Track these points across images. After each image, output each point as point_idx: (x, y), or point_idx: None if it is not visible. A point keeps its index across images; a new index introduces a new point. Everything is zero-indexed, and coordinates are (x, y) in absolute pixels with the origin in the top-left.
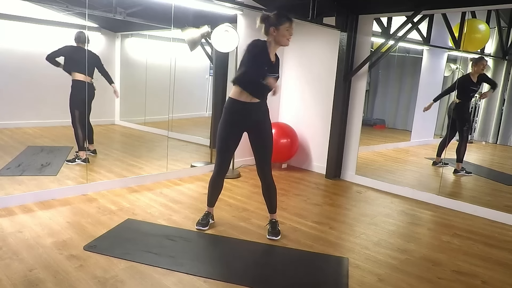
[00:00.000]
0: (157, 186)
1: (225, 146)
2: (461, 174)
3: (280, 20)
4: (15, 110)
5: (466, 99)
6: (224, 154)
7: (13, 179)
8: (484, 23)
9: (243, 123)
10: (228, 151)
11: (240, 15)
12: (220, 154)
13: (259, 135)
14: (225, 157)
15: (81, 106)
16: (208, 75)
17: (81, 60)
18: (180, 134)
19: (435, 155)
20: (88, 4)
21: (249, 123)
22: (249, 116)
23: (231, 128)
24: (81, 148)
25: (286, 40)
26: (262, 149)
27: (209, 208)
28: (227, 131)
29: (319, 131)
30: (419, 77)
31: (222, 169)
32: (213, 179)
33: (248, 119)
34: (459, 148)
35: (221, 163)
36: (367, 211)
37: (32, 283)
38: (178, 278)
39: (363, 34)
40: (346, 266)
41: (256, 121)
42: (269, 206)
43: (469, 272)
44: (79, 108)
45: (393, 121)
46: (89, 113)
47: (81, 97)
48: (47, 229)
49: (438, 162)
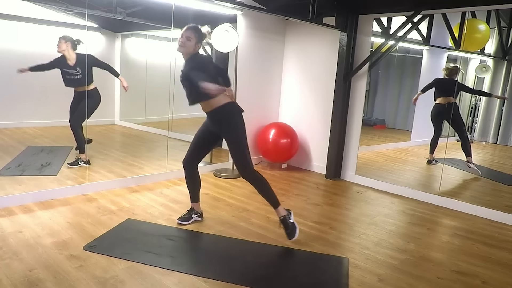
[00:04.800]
0: (157, 186)
1: (194, 138)
2: (473, 168)
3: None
4: (15, 110)
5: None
6: (191, 145)
7: (13, 179)
8: (484, 23)
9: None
10: (193, 144)
11: (240, 15)
12: (190, 145)
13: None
14: (194, 150)
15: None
16: None
17: None
18: (180, 134)
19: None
20: (88, 4)
21: (211, 128)
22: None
23: (202, 125)
24: (82, 151)
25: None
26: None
27: (193, 204)
28: (200, 127)
29: (319, 131)
30: (419, 77)
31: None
32: (184, 173)
33: (210, 125)
34: (465, 145)
35: (188, 153)
36: (367, 211)
37: (32, 283)
38: (178, 278)
39: (363, 34)
40: (346, 266)
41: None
42: (268, 202)
43: (469, 272)
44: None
45: (393, 121)
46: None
47: (83, 104)
48: (47, 229)
49: (431, 160)
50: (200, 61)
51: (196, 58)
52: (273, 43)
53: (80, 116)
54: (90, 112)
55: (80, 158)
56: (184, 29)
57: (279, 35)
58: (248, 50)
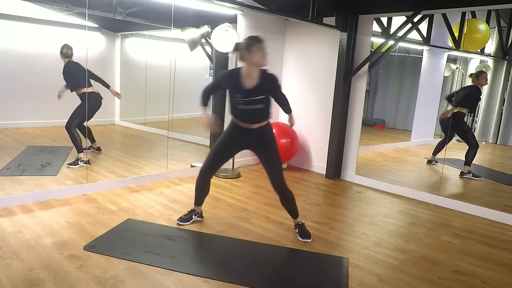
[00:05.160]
0: (157, 186)
1: (218, 151)
2: (468, 177)
3: (250, 43)
4: (15, 110)
5: (472, 109)
6: (214, 157)
7: (13, 179)
8: (484, 23)
9: (238, 142)
10: (217, 156)
11: (240, 15)
12: (211, 156)
13: (260, 154)
14: (215, 162)
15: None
16: (208, 75)
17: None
18: (180, 134)
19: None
20: (88, 4)
21: (245, 144)
22: (244, 139)
23: (228, 139)
24: (80, 150)
25: (261, 59)
26: (269, 170)
27: (195, 207)
28: (225, 140)
29: (319, 131)
30: (419, 77)
31: (209, 172)
32: (198, 179)
33: (244, 141)
34: (468, 153)
35: (210, 164)
36: (367, 211)
37: (32, 283)
38: (178, 278)
39: (363, 34)
40: (346, 266)
41: (253, 143)
42: (291, 212)
43: (469, 272)
44: (79, 117)
45: (393, 121)
46: (89, 119)
47: (83, 108)
48: (47, 229)
49: (432, 160)
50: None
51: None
52: (273, 43)
53: (73, 118)
54: (90, 114)
55: (79, 158)
56: (262, 42)
57: (279, 35)
58: None
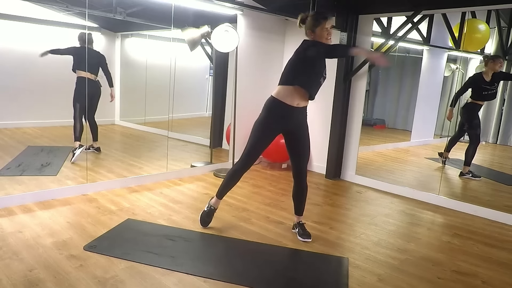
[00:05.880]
0: (157, 186)
1: (258, 145)
2: (468, 177)
3: (316, 22)
4: (15, 110)
5: (478, 99)
6: (253, 152)
7: (13, 179)
8: (484, 23)
9: (281, 126)
10: (258, 151)
11: (240, 15)
12: (249, 152)
13: (297, 140)
14: (254, 155)
15: (82, 100)
16: (208, 75)
17: (83, 59)
18: (180, 134)
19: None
20: (88, 4)
21: (287, 127)
22: (290, 119)
23: (268, 129)
24: (76, 138)
25: (325, 40)
26: (300, 154)
27: (217, 201)
28: (264, 131)
29: (319, 131)
30: (419, 77)
31: (247, 166)
32: (234, 171)
33: (289, 123)
34: (468, 150)
35: (248, 159)
36: (367, 211)
37: (32, 283)
38: (178, 278)
39: (363, 34)
40: (346, 266)
41: (296, 125)
42: (298, 208)
43: (469, 272)
44: (79, 102)
45: (393, 121)
46: (94, 111)
47: (82, 92)
48: (47, 229)
49: (445, 157)
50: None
51: None
52: (273, 43)
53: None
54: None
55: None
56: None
57: (279, 35)
58: (248, 50)
